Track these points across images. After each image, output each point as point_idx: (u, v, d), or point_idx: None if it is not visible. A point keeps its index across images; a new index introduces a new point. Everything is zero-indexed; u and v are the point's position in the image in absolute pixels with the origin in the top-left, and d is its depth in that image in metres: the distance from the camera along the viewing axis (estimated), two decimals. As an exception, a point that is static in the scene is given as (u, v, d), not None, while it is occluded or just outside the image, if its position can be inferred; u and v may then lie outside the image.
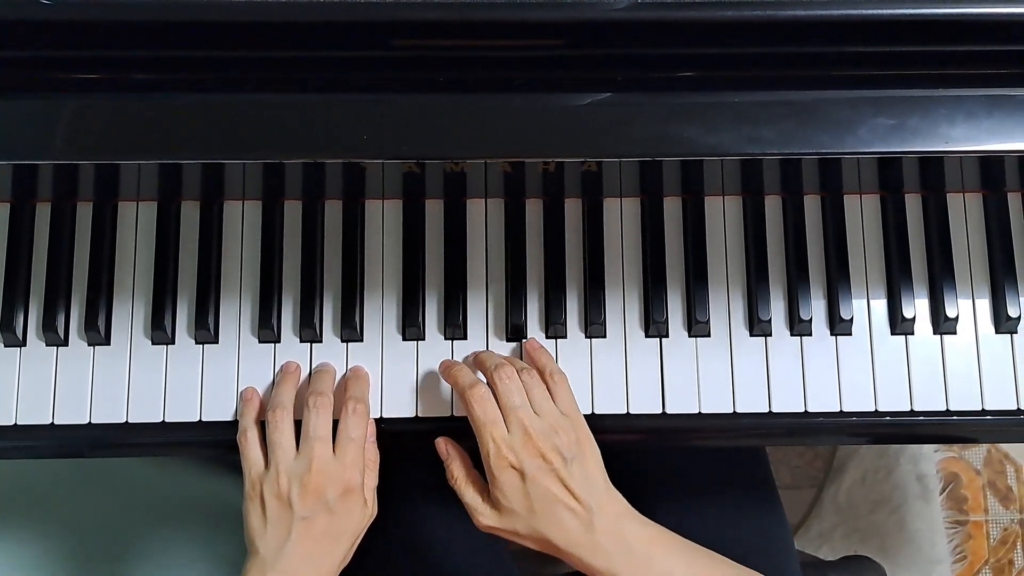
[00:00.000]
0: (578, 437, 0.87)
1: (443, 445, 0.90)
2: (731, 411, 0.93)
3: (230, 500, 1.16)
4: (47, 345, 0.93)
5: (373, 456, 0.91)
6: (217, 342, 0.94)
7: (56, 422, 0.92)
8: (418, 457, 1.03)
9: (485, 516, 0.86)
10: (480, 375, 0.89)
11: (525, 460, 0.84)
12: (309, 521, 0.85)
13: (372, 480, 0.90)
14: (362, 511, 0.88)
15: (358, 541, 0.89)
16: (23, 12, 0.72)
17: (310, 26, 0.73)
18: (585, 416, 0.92)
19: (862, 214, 0.96)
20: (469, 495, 0.87)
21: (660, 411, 0.93)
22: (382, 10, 0.71)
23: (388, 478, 0.99)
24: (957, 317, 0.94)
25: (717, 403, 0.93)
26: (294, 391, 0.91)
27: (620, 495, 0.87)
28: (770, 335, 0.94)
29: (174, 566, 1.12)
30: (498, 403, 0.86)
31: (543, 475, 0.84)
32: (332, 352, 0.94)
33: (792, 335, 0.94)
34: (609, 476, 0.88)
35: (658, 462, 1.07)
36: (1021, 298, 0.94)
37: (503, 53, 0.76)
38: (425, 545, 1.03)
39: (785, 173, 0.94)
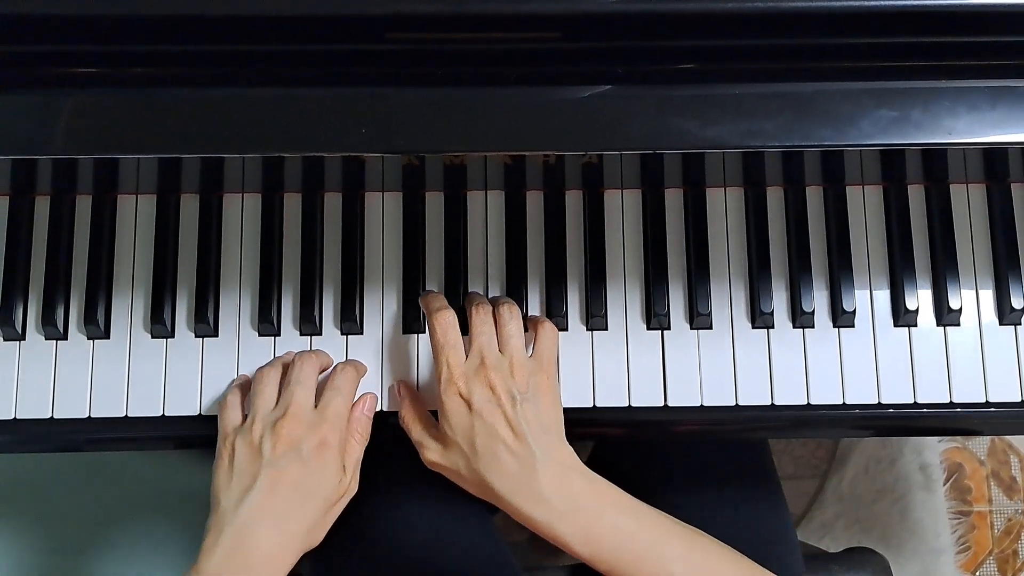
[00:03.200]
0: (539, 382, 0.85)
1: (399, 386, 0.91)
2: (733, 404, 0.93)
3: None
4: (46, 339, 0.93)
5: (364, 429, 0.88)
6: (217, 335, 0.94)
7: (56, 416, 0.92)
8: (411, 451, 1.02)
9: (431, 450, 0.86)
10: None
11: (475, 389, 0.83)
12: (278, 470, 0.81)
13: (357, 451, 0.87)
14: (337, 473, 0.84)
15: (331, 516, 0.85)
16: (19, 6, 0.71)
17: (308, 20, 0.73)
18: (586, 409, 0.92)
19: (865, 205, 0.96)
20: (416, 431, 0.87)
21: (662, 404, 0.93)
22: (378, 4, 0.71)
23: (386, 471, 0.99)
24: (960, 309, 0.93)
25: (719, 396, 0.93)
26: (282, 363, 0.90)
27: (572, 451, 0.85)
28: (772, 327, 0.94)
29: (171, 557, 1.12)
30: (470, 333, 0.86)
31: (489, 408, 0.82)
32: (332, 345, 0.94)
33: (795, 327, 0.94)
34: (607, 468, 0.87)
35: (658, 453, 1.06)
36: (1025, 289, 0.94)
37: (501, 46, 0.75)
38: (423, 538, 1.02)
39: (787, 164, 0.93)
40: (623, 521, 0.82)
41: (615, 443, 1.09)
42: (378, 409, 0.92)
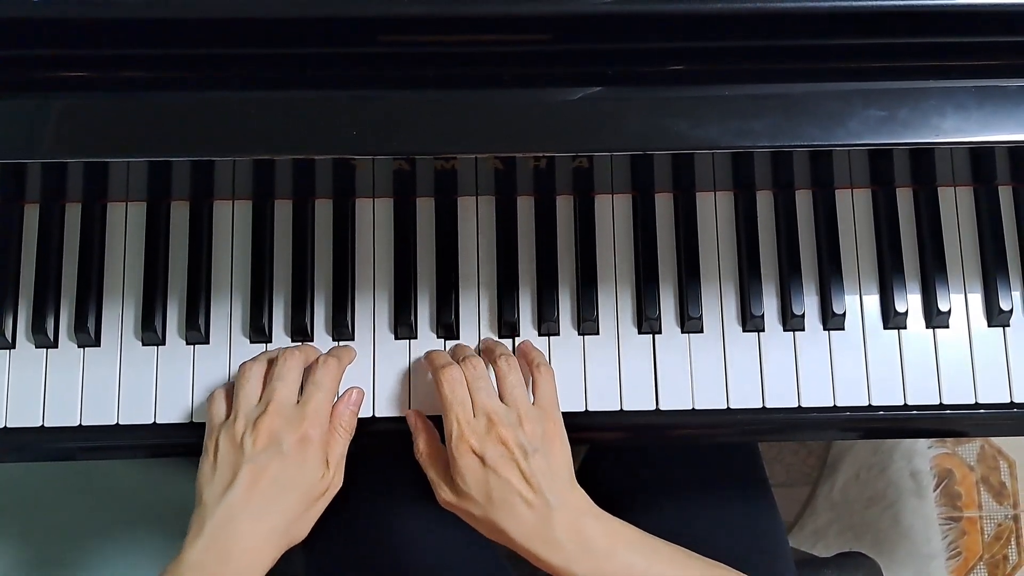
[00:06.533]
0: (546, 430, 0.86)
1: (412, 417, 0.90)
2: (725, 407, 0.93)
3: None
4: (36, 347, 0.93)
5: (348, 423, 0.88)
6: (208, 343, 0.94)
7: (47, 424, 0.92)
8: (410, 458, 1.02)
9: (446, 493, 0.85)
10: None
11: (487, 447, 0.83)
12: (258, 465, 0.82)
13: (340, 446, 0.87)
14: (319, 468, 0.84)
15: (314, 511, 0.85)
16: (10, 9, 0.71)
17: (298, 22, 0.73)
18: (579, 413, 0.92)
19: (854, 209, 0.96)
20: (433, 471, 0.87)
21: (654, 407, 0.93)
22: (370, 5, 0.71)
23: (380, 479, 0.99)
24: (950, 311, 0.94)
25: (710, 399, 0.93)
26: (268, 359, 0.89)
27: (584, 493, 0.86)
28: (763, 330, 0.94)
29: (160, 567, 1.11)
30: (469, 391, 0.86)
31: (503, 464, 0.82)
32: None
33: (785, 330, 0.94)
34: (600, 475, 0.87)
35: (651, 461, 1.07)
36: (1013, 291, 0.94)
37: (492, 48, 0.75)
38: (418, 547, 1.02)
39: (776, 168, 0.94)
40: (635, 560, 0.83)
41: (607, 448, 1.09)
42: (374, 415, 0.92)
